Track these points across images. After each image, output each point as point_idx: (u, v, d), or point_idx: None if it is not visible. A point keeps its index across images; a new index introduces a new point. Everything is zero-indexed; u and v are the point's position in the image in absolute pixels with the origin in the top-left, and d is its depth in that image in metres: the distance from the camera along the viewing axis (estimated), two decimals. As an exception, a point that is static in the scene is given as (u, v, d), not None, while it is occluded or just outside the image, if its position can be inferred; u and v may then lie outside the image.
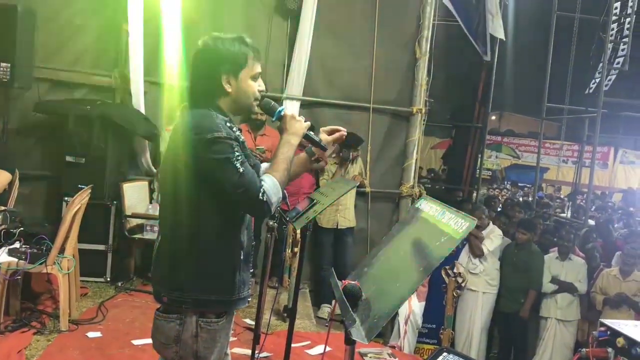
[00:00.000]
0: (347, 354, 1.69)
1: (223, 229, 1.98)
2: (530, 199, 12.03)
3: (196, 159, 1.88)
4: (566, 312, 5.87)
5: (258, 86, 2.06)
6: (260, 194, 1.87)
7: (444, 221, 1.64)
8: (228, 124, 1.96)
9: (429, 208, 1.81)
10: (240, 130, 2.07)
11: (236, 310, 2.12)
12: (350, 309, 1.58)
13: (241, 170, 1.86)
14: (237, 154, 1.88)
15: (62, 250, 4.09)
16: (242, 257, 2.03)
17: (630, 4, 8.01)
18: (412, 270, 1.60)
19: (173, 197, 1.98)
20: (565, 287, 5.83)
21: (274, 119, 2.15)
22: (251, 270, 2.17)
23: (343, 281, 1.78)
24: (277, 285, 5.45)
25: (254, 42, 2.05)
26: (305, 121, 2.12)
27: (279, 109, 2.15)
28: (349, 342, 1.65)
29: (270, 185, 1.92)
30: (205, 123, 1.90)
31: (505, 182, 17.02)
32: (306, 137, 2.14)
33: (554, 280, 5.85)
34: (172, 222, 2.00)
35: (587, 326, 5.89)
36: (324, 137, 2.27)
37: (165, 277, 2.01)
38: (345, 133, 2.36)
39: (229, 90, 2.00)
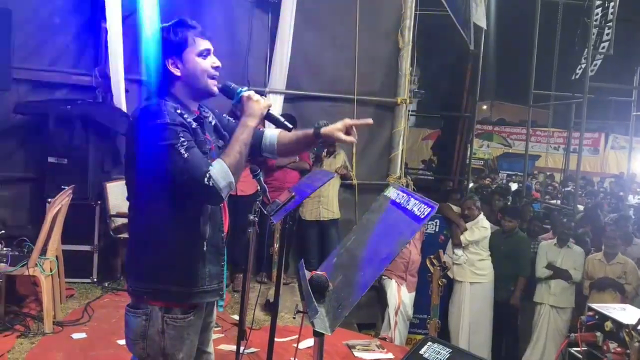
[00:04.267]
0: (316, 346, 1.67)
1: (179, 218, 1.95)
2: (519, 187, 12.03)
3: (144, 148, 1.86)
4: (559, 298, 5.81)
5: (212, 63, 2.00)
6: (206, 179, 1.81)
7: (409, 207, 1.62)
8: (178, 111, 1.92)
9: (396, 195, 1.78)
10: (201, 116, 2.03)
11: (207, 302, 2.07)
12: (313, 300, 1.55)
13: (186, 155, 1.82)
14: (182, 139, 1.84)
15: (44, 251, 4.04)
16: (205, 248, 1.99)
17: (613, -12, 8.00)
18: (376, 257, 1.58)
19: (132, 190, 1.98)
20: (559, 273, 5.78)
21: (233, 102, 2.04)
22: (222, 263, 2.12)
23: (311, 272, 1.76)
24: (265, 280, 5.43)
25: (198, 22, 2.02)
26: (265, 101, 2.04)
27: (238, 89, 2.04)
28: (317, 333, 1.62)
29: (218, 169, 1.85)
30: (149, 112, 1.88)
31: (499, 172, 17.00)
32: (268, 117, 2.04)
33: (550, 266, 5.79)
34: (132, 214, 2.02)
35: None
36: (341, 136, 2.00)
37: (129, 269, 2.03)
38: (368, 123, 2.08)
39: (178, 73, 1.98)
